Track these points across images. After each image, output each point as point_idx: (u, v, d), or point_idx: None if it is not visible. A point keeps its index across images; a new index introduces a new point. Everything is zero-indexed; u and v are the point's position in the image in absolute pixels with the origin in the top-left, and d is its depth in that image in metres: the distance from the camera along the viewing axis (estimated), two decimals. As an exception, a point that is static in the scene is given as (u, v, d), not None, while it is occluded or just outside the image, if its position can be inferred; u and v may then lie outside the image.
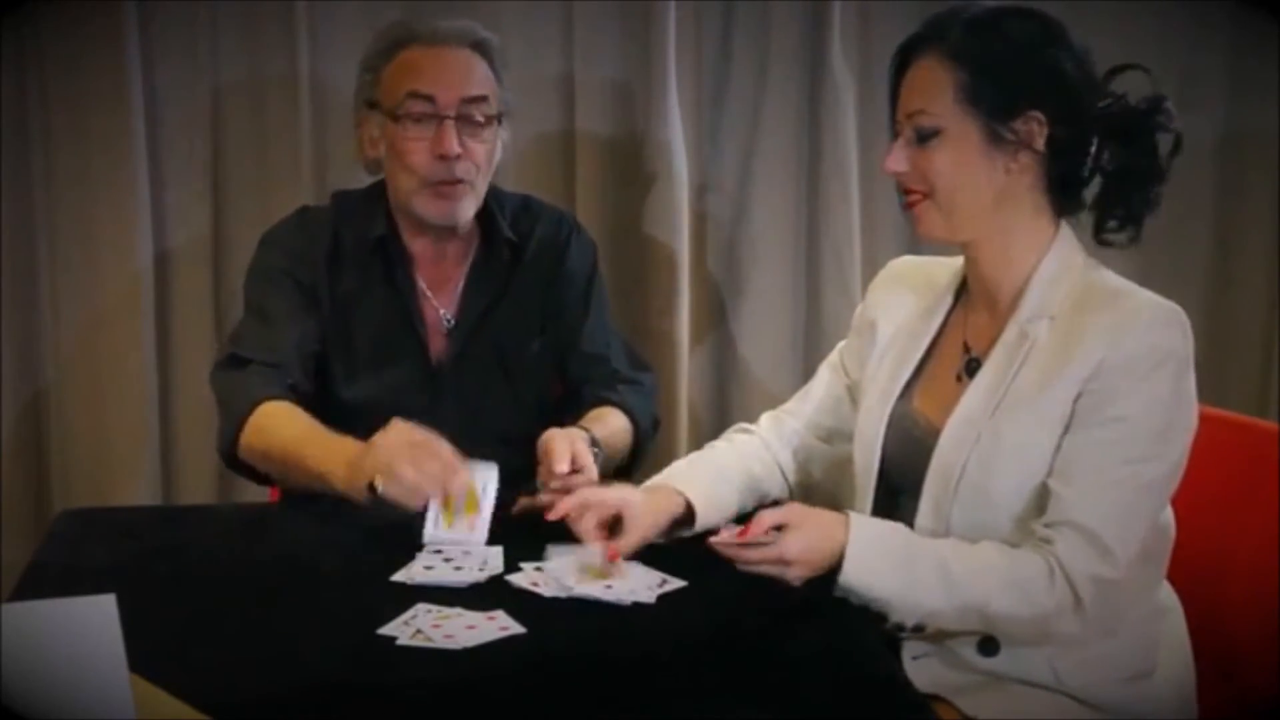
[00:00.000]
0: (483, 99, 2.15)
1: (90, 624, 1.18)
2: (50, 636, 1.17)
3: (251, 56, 2.70)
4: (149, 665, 1.31)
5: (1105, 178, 1.75)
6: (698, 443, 2.80)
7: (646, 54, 2.73)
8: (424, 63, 2.15)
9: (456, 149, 2.12)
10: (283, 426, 2.06)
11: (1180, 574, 1.87)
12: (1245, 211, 2.94)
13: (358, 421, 2.16)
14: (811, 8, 2.77)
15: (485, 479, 1.87)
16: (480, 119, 2.15)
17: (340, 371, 2.22)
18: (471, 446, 2.22)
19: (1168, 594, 1.85)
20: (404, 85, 2.14)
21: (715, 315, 2.91)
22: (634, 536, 1.80)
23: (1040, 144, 1.72)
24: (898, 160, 1.76)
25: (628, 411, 2.24)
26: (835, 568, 1.66)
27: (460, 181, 2.15)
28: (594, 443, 2.01)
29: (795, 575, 1.66)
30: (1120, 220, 1.77)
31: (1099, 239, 1.78)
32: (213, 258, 2.75)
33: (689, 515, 1.86)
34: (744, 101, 2.82)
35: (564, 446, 1.93)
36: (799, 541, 1.66)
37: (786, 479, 2.00)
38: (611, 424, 2.19)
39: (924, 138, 1.73)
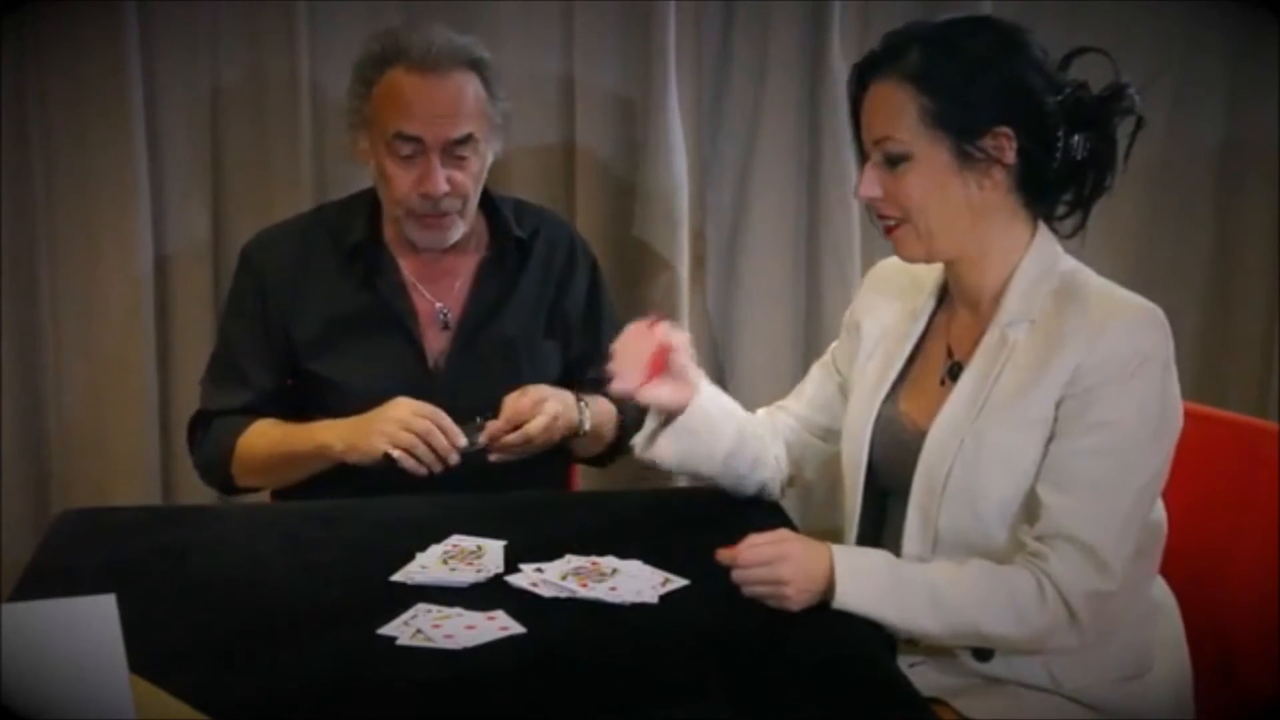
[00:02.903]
0: (469, 138, 2.14)
1: (90, 624, 1.18)
2: (50, 636, 1.17)
3: (252, 57, 2.70)
4: (149, 665, 1.31)
5: (1066, 166, 1.73)
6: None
7: (647, 56, 2.72)
8: (412, 96, 2.12)
9: (443, 189, 2.13)
10: (264, 434, 2.19)
11: (1179, 575, 1.87)
12: (1245, 212, 2.94)
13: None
14: (811, 8, 2.77)
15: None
16: (467, 154, 2.15)
17: (331, 375, 2.23)
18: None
19: (1162, 591, 1.85)
20: (392, 121, 2.12)
21: (715, 316, 2.91)
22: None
23: (1011, 157, 1.71)
24: (870, 185, 1.75)
25: (621, 422, 2.26)
26: (827, 598, 1.66)
27: (447, 213, 2.16)
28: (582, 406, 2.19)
29: (793, 594, 1.65)
30: (1069, 206, 1.76)
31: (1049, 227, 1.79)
32: (213, 258, 2.75)
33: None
34: (744, 102, 2.82)
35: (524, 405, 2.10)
36: (792, 560, 1.66)
37: (780, 466, 2.00)
38: (603, 407, 2.25)
39: (893, 162, 1.72)
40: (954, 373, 1.79)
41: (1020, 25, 1.77)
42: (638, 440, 1.92)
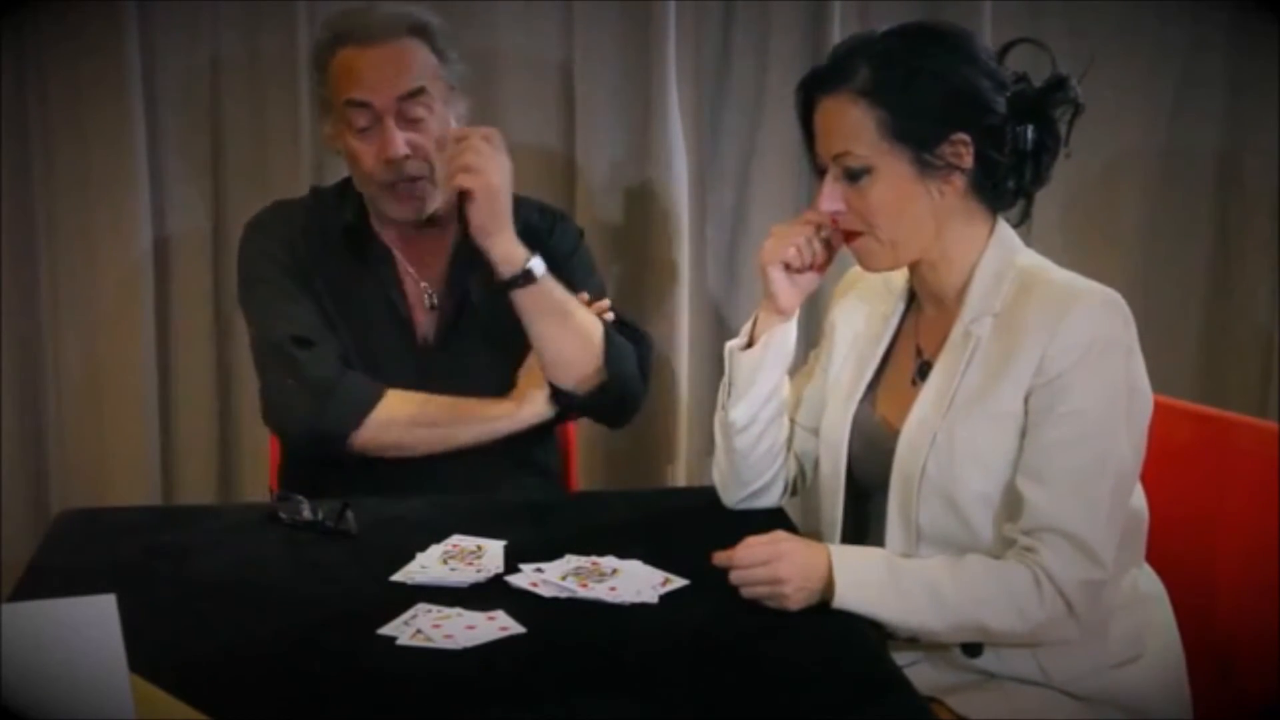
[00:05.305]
0: (420, 91, 2.15)
1: (90, 624, 1.17)
2: (50, 636, 1.17)
3: (252, 54, 2.71)
4: (149, 665, 1.31)
5: (1012, 157, 1.74)
6: (699, 443, 2.81)
7: (646, 54, 2.73)
8: (359, 65, 2.15)
9: (402, 150, 2.14)
10: (426, 399, 2.18)
11: (1180, 574, 1.87)
12: (1245, 212, 2.94)
13: None
14: (811, 8, 2.77)
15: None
16: (422, 114, 2.16)
17: None
18: None
19: (1150, 580, 1.85)
20: (342, 92, 2.15)
21: (715, 316, 2.91)
22: None
23: (969, 162, 1.72)
24: (832, 200, 1.75)
25: (607, 330, 2.20)
26: (827, 596, 1.67)
27: (416, 179, 2.17)
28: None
29: (791, 592, 1.65)
30: (1012, 195, 1.77)
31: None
32: (212, 257, 2.75)
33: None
34: (744, 101, 2.82)
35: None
36: (789, 559, 1.67)
37: (790, 464, 2.00)
38: (581, 308, 2.19)
39: (854, 176, 1.73)
40: (924, 371, 1.80)
41: (964, 29, 1.78)
42: (733, 343, 1.91)
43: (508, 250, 2.12)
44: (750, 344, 1.90)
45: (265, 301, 2.22)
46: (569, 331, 2.16)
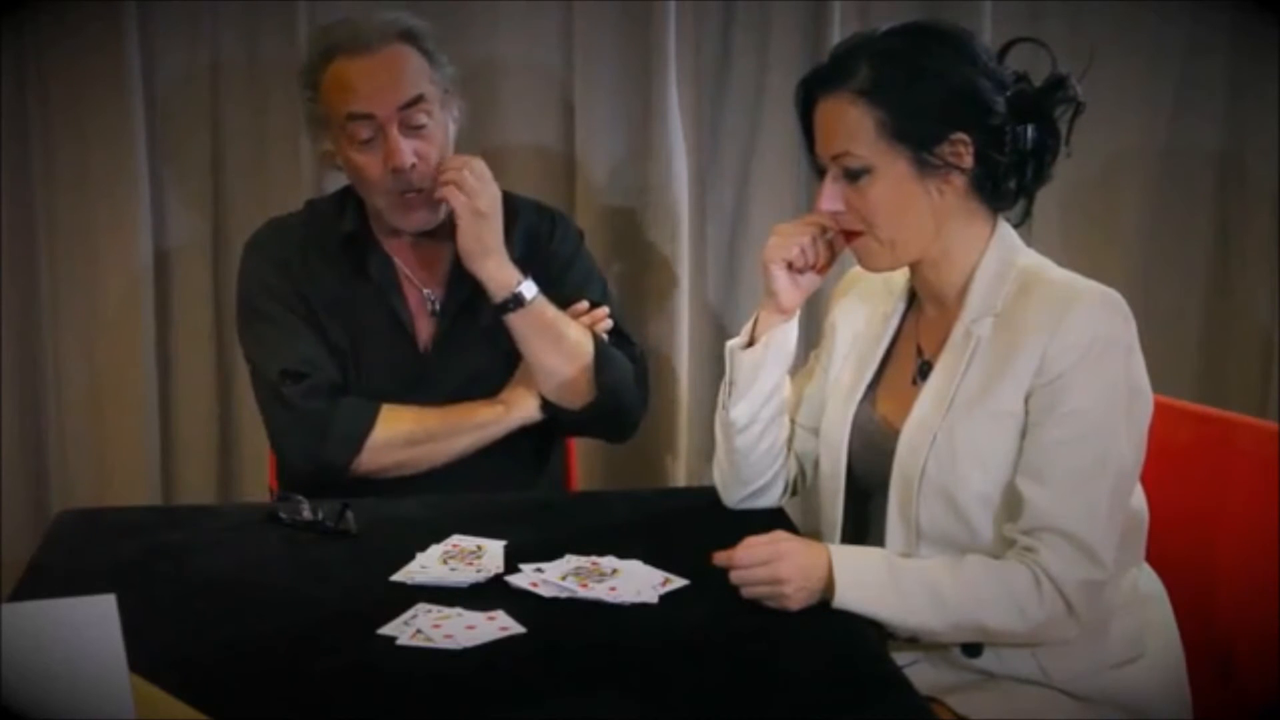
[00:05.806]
0: (419, 99, 2.15)
1: (90, 624, 1.17)
2: (50, 636, 1.17)
3: (251, 55, 2.71)
4: (149, 665, 1.31)
5: (1013, 157, 1.74)
6: (699, 443, 2.80)
7: (646, 54, 2.73)
8: (355, 77, 2.13)
9: (409, 160, 2.13)
10: (419, 414, 2.19)
11: (1180, 574, 1.87)
12: (1245, 213, 2.94)
13: None
14: (811, 8, 2.77)
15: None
16: (423, 120, 2.15)
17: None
18: None
19: (1150, 580, 1.85)
20: (342, 106, 2.14)
21: (715, 316, 2.91)
22: None
23: (969, 162, 1.72)
24: (832, 200, 1.76)
25: (599, 346, 2.21)
26: (827, 596, 1.67)
27: (422, 190, 2.16)
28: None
29: (792, 592, 1.65)
30: (1014, 194, 1.77)
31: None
32: (213, 257, 2.75)
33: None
34: (744, 102, 2.82)
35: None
36: (789, 559, 1.67)
37: (791, 464, 2.00)
38: (574, 327, 2.20)
39: (854, 176, 1.73)
40: (924, 371, 1.80)
41: (964, 29, 1.78)
42: (734, 342, 1.91)
43: (497, 274, 2.15)
44: (751, 343, 1.90)
45: (259, 337, 2.24)
46: (561, 352, 2.18)
